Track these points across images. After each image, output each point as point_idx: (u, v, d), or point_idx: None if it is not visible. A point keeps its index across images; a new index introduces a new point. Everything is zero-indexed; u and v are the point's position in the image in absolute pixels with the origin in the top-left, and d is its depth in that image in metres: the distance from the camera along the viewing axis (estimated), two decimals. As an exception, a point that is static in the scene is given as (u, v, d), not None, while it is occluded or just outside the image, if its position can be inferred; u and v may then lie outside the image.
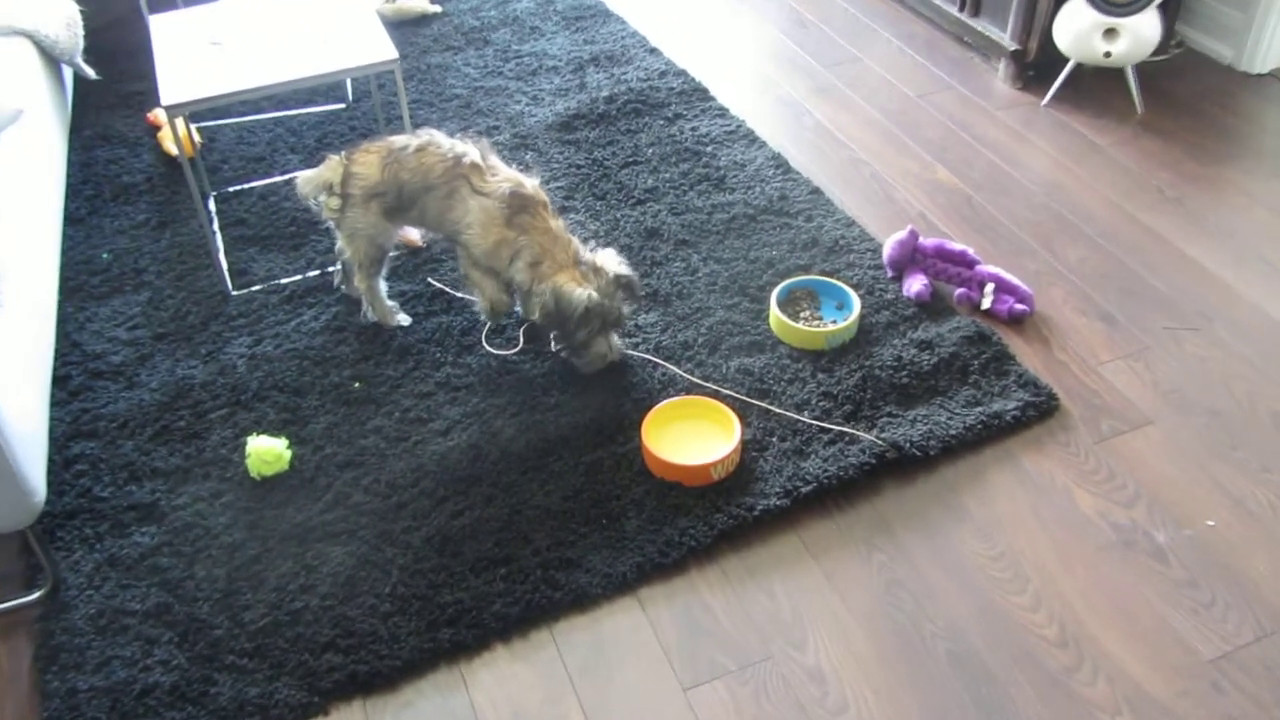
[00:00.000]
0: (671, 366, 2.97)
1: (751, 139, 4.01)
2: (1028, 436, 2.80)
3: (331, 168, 2.91)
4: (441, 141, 2.85)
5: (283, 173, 3.78)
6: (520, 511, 2.57)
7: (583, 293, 2.74)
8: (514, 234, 2.76)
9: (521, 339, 3.05)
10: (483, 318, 3.01)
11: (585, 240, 3.30)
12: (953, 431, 2.74)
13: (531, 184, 2.82)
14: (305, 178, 2.97)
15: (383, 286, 3.11)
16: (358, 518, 2.57)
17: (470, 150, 2.84)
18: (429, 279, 3.31)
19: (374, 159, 2.87)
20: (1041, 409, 2.84)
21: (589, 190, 3.73)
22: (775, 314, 3.08)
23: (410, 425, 2.82)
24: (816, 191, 3.74)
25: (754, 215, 3.61)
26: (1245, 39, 4.23)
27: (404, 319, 3.15)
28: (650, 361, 2.98)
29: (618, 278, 2.83)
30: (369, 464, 2.71)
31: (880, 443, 2.69)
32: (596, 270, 2.79)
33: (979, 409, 2.81)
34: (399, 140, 2.88)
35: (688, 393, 2.88)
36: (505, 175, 2.82)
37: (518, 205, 2.77)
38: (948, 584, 2.46)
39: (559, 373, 2.97)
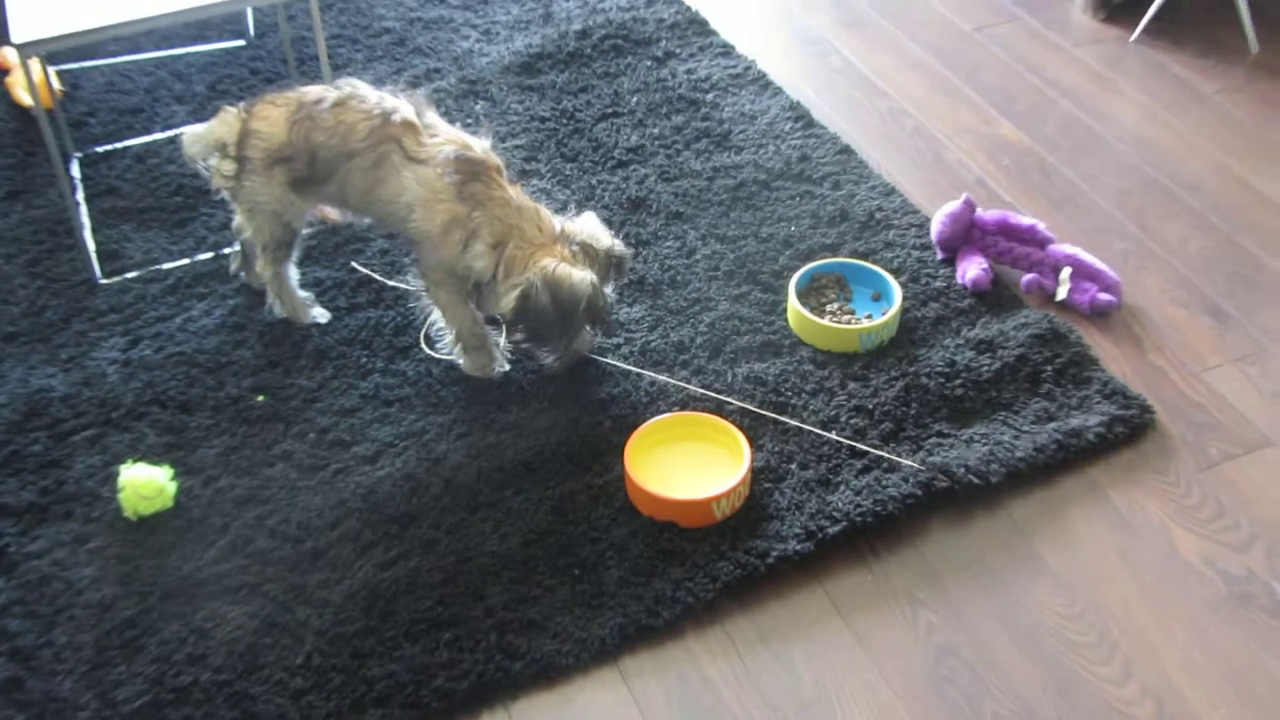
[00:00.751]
0: (661, 375, 2.98)
1: (763, 84, 4.03)
2: (1115, 462, 2.82)
3: (226, 123, 2.91)
4: (366, 94, 2.85)
5: (165, 128, 3.78)
6: (469, 560, 2.57)
7: (584, 276, 2.76)
8: (466, 209, 2.77)
9: (504, 339, 3.07)
10: (449, 349, 3.01)
11: (560, 205, 3.31)
12: (1019, 455, 2.76)
13: (481, 145, 2.83)
14: (193, 135, 2.97)
15: (293, 274, 3.11)
16: (261, 568, 2.58)
17: (401, 106, 2.84)
18: (352, 263, 3.32)
19: (280, 114, 2.87)
20: (1132, 426, 2.86)
21: (556, 150, 3.73)
22: (795, 307, 3.10)
23: (329, 450, 2.82)
24: (846, 151, 3.75)
25: (767, 181, 3.62)
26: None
27: (320, 314, 3.16)
28: (634, 370, 3.01)
29: (611, 254, 2.85)
30: (276, 500, 2.71)
31: (928, 470, 2.71)
32: (588, 248, 2.81)
33: (1053, 426, 2.83)
34: (312, 91, 2.88)
35: (683, 408, 2.89)
36: (446, 135, 2.82)
37: (467, 172, 2.78)
38: (1014, 651, 2.47)
39: (519, 382, 2.98)
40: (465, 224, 2.77)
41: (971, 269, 3.22)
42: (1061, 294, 3.19)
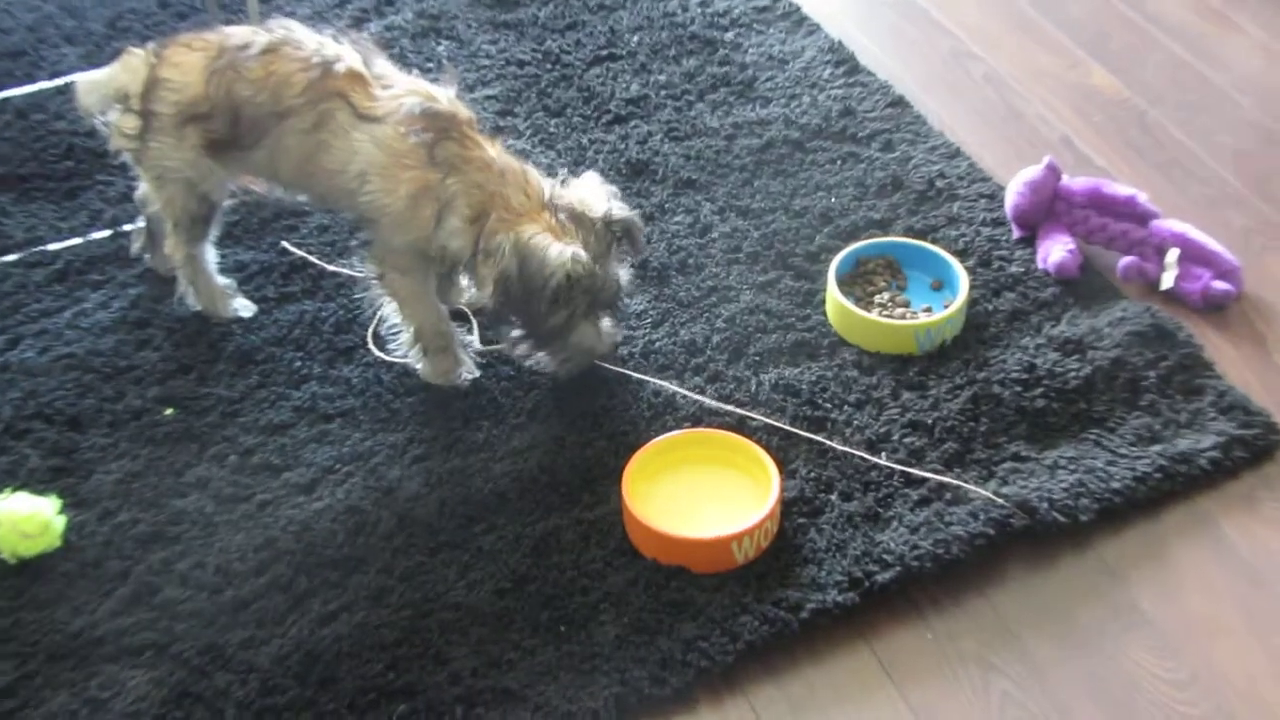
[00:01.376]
0: (668, 383, 2.97)
1: (797, 20, 4.02)
2: (1233, 491, 2.80)
3: (130, 69, 2.91)
4: (303, 39, 2.85)
5: (54, 75, 3.77)
6: (429, 614, 2.56)
7: (562, 250, 2.73)
8: (438, 175, 2.76)
9: (477, 339, 3.06)
10: (405, 351, 3.00)
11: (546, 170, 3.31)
12: (1115, 486, 2.74)
13: (446, 95, 2.82)
14: (89, 83, 2.97)
15: (210, 257, 3.11)
16: (170, 623, 2.57)
17: (345, 52, 2.83)
18: (284, 243, 3.32)
19: (196, 60, 2.86)
20: (1255, 448, 2.85)
21: (538, 102, 3.73)
22: (836, 298, 3.09)
23: (254, 476, 2.81)
24: (899, 103, 3.74)
25: (801, 141, 3.61)
26: None
27: (244, 307, 3.15)
28: (635, 375, 3.00)
29: (611, 223, 2.84)
30: (188, 538, 2.70)
31: (1001, 501, 2.70)
32: (578, 216, 2.79)
33: (1157, 449, 2.82)
34: (237, 34, 2.87)
35: (696, 424, 2.88)
36: (405, 86, 2.81)
37: (436, 129, 2.77)
38: (1108, 726, 2.46)
39: (490, 391, 2.98)
40: (438, 194, 2.76)
41: (1055, 250, 3.21)
42: (1167, 281, 3.18)
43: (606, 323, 2.92)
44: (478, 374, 2.99)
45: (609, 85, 3.77)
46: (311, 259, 3.26)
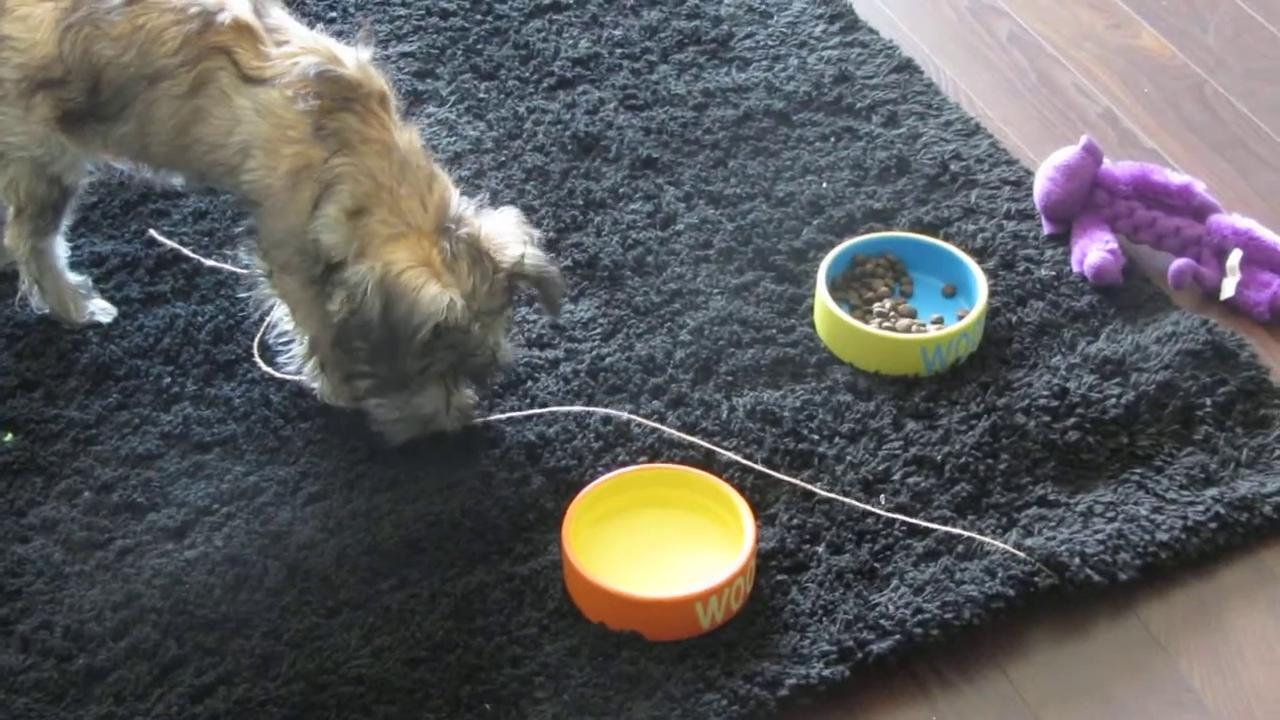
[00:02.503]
0: (620, 409, 2.98)
1: (783, -36, 4.04)
2: (1305, 545, 2.84)
3: None
4: None
5: None
6: (325, 687, 2.56)
7: (437, 295, 2.71)
8: (323, 152, 2.77)
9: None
10: (299, 365, 3.00)
11: (462, 179, 3.32)
12: (1162, 538, 2.76)
13: (355, 59, 2.82)
14: None
15: (62, 251, 3.11)
16: (8, 697, 2.55)
17: (231, 1, 2.83)
18: (151, 231, 3.32)
19: (45, 12, 2.83)
20: (1332, 493, 2.89)
21: (464, 62, 3.73)
22: (827, 305, 3.11)
23: (112, 518, 2.81)
24: (907, 67, 3.76)
25: (785, 113, 3.63)
26: None
27: (102, 310, 3.15)
28: (578, 403, 3.01)
29: (515, 274, 2.81)
30: (31, 593, 2.69)
31: (1024, 556, 2.72)
32: (478, 254, 2.78)
33: (1213, 492, 2.84)
34: None
35: (653, 459, 2.90)
36: (304, 42, 2.81)
37: (332, 96, 2.76)
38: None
39: (404, 417, 2.97)
40: (319, 174, 2.76)
41: (1094, 250, 3.23)
42: (1229, 289, 3.21)
43: (463, 394, 2.91)
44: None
45: (552, 41, 3.77)
46: (185, 251, 3.25)
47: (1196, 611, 2.72)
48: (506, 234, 2.81)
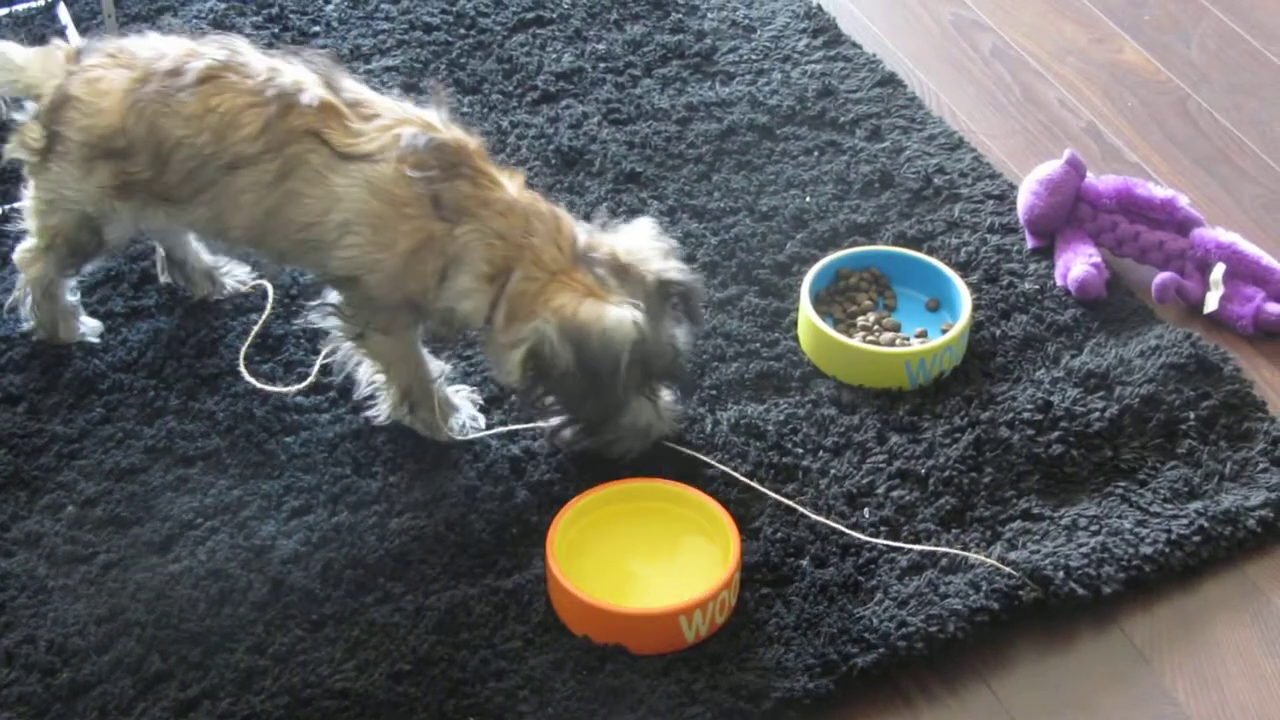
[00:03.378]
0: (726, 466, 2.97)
1: (767, -21, 4.05)
2: (1288, 559, 2.85)
3: (46, 68, 2.89)
4: (249, 62, 2.82)
5: None
6: (310, 701, 2.55)
7: (621, 316, 2.69)
8: (445, 226, 2.75)
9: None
10: (389, 413, 2.99)
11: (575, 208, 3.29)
12: (1146, 551, 2.77)
13: (443, 120, 2.80)
14: None
15: (72, 281, 3.12)
16: (-8, 713, 2.57)
17: (304, 75, 2.81)
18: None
19: (116, 82, 2.83)
20: (1316, 506, 2.89)
21: (448, 75, 3.73)
22: (810, 319, 3.12)
23: (96, 532, 2.80)
24: (890, 81, 3.76)
25: (769, 127, 3.63)
26: None
27: (91, 330, 3.16)
28: (704, 459, 2.97)
29: (664, 284, 2.81)
30: (15, 607, 2.68)
31: (1008, 570, 2.72)
32: (623, 269, 2.77)
33: (1196, 506, 2.85)
34: (169, 53, 2.84)
35: (636, 474, 2.89)
36: (394, 114, 2.80)
37: (445, 167, 2.74)
38: (1134, 843, 2.49)
39: (388, 431, 2.99)
40: (444, 248, 2.74)
41: (1077, 264, 3.25)
42: (1212, 303, 3.22)
43: (665, 395, 2.91)
44: (481, 421, 3.00)
45: (536, 56, 3.78)
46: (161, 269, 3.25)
47: (1180, 625, 2.73)
48: (645, 247, 2.82)
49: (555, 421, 2.86)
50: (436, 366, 2.98)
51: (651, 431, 2.89)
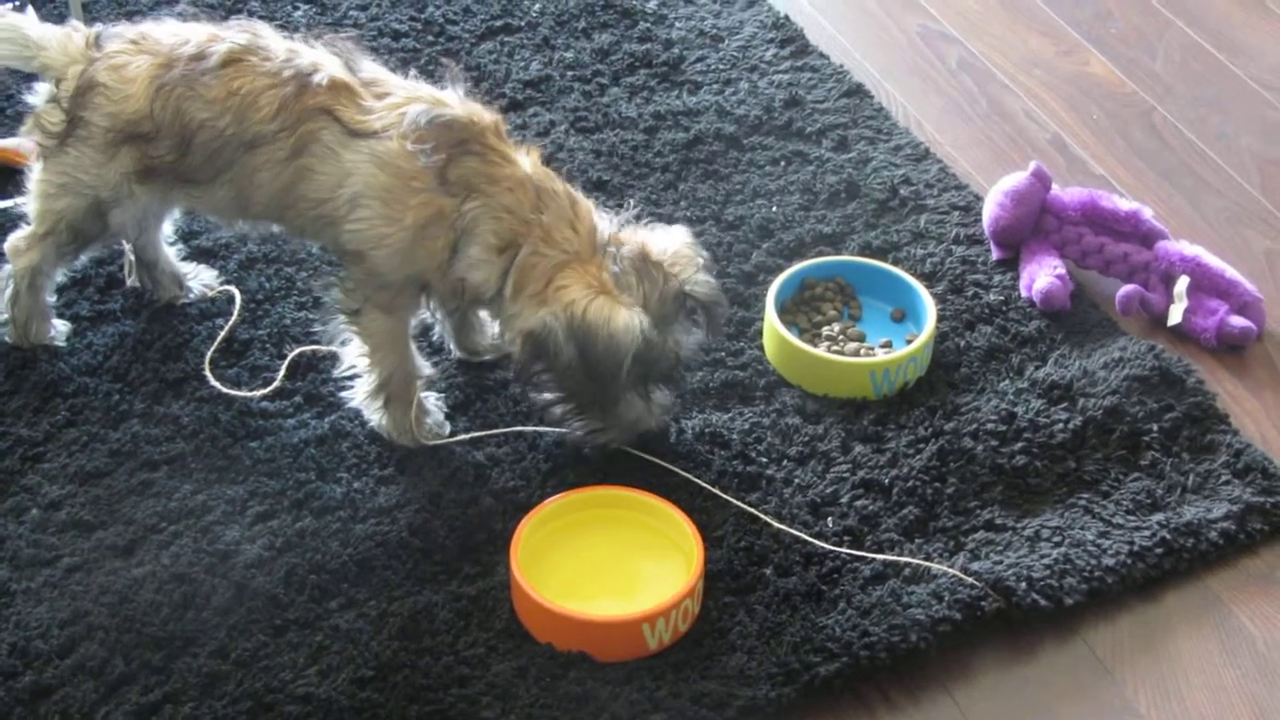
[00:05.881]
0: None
1: (735, -12, 4.05)
2: (1248, 570, 2.84)
3: (66, 52, 2.90)
4: (270, 45, 2.84)
5: None
6: (273, 707, 2.55)
7: (630, 320, 2.71)
8: (453, 201, 2.76)
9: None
10: (375, 419, 2.98)
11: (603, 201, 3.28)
12: (1108, 563, 2.77)
13: (458, 98, 2.81)
14: (9, 25, 2.93)
15: (53, 281, 3.12)
16: (-49, 717, 2.55)
17: (322, 58, 2.83)
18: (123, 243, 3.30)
19: (141, 67, 2.85)
20: (1276, 519, 2.89)
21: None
22: (775, 328, 3.13)
23: (59, 535, 2.79)
24: (857, 92, 3.77)
25: (736, 136, 3.64)
26: None
27: (59, 331, 3.16)
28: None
29: (688, 294, 2.82)
30: (-24, 611, 2.69)
31: (970, 580, 2.72)
32: (646, 266, 2.78)
33: (1159, 517, 2.86)
34: (192, 39, 2.86)
35: (601, 481, 2.90)
36: (404, 91, 2.82)
37: (452, 142, 2.75)
38: None
39: (353, 436, 2.99)
40: (453, 222, 2.76)
41: (1042, 275, 3.26)
42: (1176, 315, 3.23)
43: (659, 394, 2.90)
44: (447, 428, 3.00)
45: (503, 64, 3.78)
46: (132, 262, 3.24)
47: (1142, 636, 2.74)
48: (680, 252, 2.83)
49: (547, 397, 2.86)
50: (422, 366, 2.99)
51: (639, 425, 2.90)
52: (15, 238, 3.06)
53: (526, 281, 2.74)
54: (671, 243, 2.84)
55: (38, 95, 2.95)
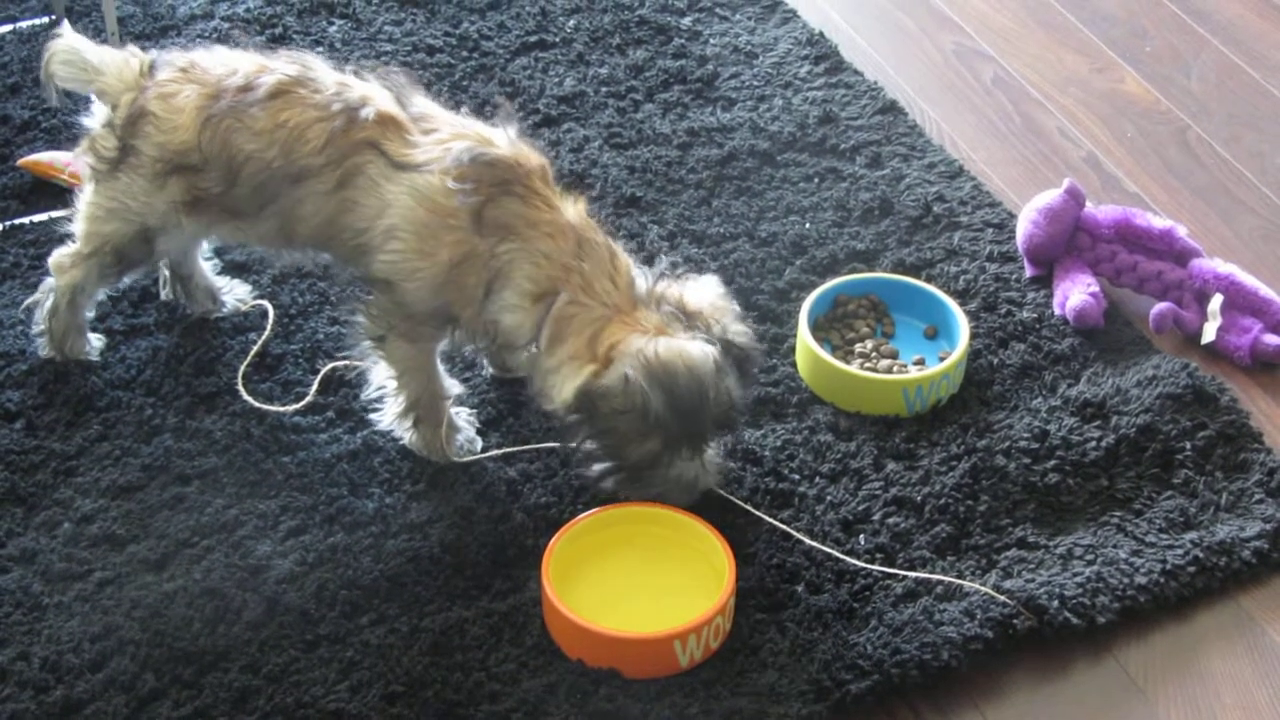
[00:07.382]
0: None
1: (769, 5, 4.04)
2: (1282, 590, 2.85)
3: (122, 78, 2.90)
4: (320, 78, 2.84)
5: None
6: (303, 722, 2.56)
7: (706, 351, 2.68)
8: (489, 242, 2.75)
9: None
10: (406, 438, 2.98)
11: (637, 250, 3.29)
12: (1141, 580, 2.76)
13: (507, 138, 2.80)
14: (71, 50, 2.94)
15: (94, 300, 3.13)
16: (-17, 731, 2.55)
17: (373, 91, 2.83)
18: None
19: (190, 98, 2.85)
20: (1311, 538, 2.89)
21: (451, 98, 3.72)
22: (808, 345, 3.12)
23: (91, 550, 2.80)
24: (892, 109, 3.76)
25: (770, 153, 3.63)
26: None
27: (92, 345, 3.16)
28: (756, 513, 2.94)
29: (728, 344, 2.76)
30: (10, 624, 2.68)
31: (1003, 598, 2.71)
32: (685, 313, 2.74)
33: (1192, 536, 2.85)
34: (241, 68, 2.86)
35: (631, 498, 2.90)
36: (453, 128, 2.81)
37: (493, 183, 2.74)
38: None
39: (385, 451, 2.99)
40: (486, 262, 2.75)
41: (1076, 293, 3.25)
42: (1210, 334, 3.22)
43: (710, 451, 2.86)
44: (479, 444, 2.99)
45: (538, 79, 3.78)
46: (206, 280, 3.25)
47: (1174, 655, 2.72)
48: (715, 303, 2.81)
49: (597, 469, 2.82)
50: (450, 385, 2.98)
51: (698, 484, 2.85)
52: (60, 254, 3.06)
53: (565, 334, 2.71)
54: (707, 294, 2.81)
55: (93, 118, 2.95)
